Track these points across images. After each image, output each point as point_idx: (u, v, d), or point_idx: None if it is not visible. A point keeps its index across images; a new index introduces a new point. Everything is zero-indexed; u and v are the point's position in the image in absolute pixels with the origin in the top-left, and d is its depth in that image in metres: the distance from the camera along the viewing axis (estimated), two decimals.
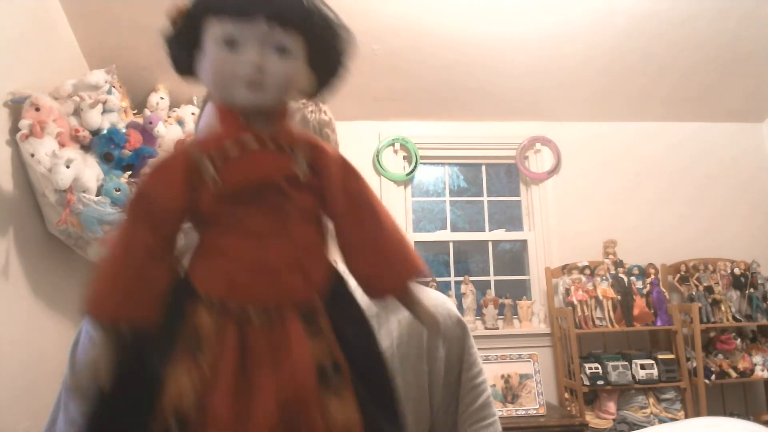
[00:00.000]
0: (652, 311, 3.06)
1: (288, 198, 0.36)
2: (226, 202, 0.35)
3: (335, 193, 0.40)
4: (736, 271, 3.18)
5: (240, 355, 0.33)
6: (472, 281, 3.22)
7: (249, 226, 0.35)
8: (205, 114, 0.59)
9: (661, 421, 2.84)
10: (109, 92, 2.28)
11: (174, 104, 2.79)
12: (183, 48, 0.40)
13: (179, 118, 2.70)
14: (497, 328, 3.16)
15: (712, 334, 3.13)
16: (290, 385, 0.33)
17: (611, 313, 3.03)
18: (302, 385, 0.33)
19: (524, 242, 3.43)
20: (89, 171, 2.03)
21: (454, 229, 3.46)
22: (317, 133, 0.74)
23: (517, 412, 2.77)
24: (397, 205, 3.29)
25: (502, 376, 2.85)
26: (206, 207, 0.35)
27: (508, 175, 3.57)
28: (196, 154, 0.37)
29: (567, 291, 3.10)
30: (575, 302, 3.02)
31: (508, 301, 3.22)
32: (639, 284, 3.12)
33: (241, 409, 0.32)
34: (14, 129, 1.97)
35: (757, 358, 3.06)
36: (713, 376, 2.95)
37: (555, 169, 3.40)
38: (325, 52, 0.41)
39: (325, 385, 0.34)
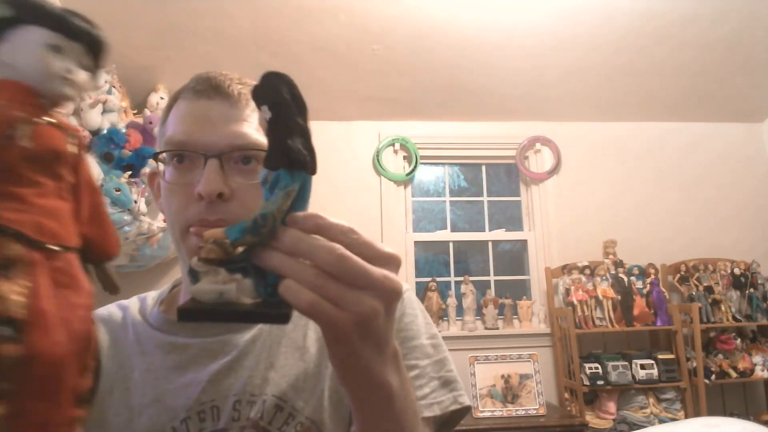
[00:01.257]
0: (652, 311, 3.06)
1: (63, 169, 0.47)
2: (31, 163, 0.44)
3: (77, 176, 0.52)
4: (736, 271, 3.18)
5: (48, 274, 0.43)
6: (472, 281, 3.22)
7: (48, 186, 0.45)
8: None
9: (661, 421, 2.84)
10: (109, 92, 2.28)
11: None
12: None
13: None
14: (497, 328, 3.16)
15: (712, 334, 3.13)
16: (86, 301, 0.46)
17: (611, 313, 3.03)
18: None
19: (524, 242, 3.43)
20: None
21: (454, 229, 3.46)
22: None
23: (517, 412, 2.77)
24: (397, 205, 3.29)
25: (502, 376, 2.85)
26: (7, 162, 0.42)
27: (508, 175, 3.57)
28: (20, 116, 0.45)
29: (567, 291, 3.10)
30: (575, 302, 3.02)
31: (508, 301, 3.22)
32: (639, 284, 3.12)
33: (62, 306, 0.43)
34: None
35: (757, 358, 3.06)
36: (713, 376, 2.95)
37: (555, 169, 3.40)
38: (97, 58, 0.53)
39: None
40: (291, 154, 0.41)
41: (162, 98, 2.74)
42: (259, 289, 0.42)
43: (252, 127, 0.69)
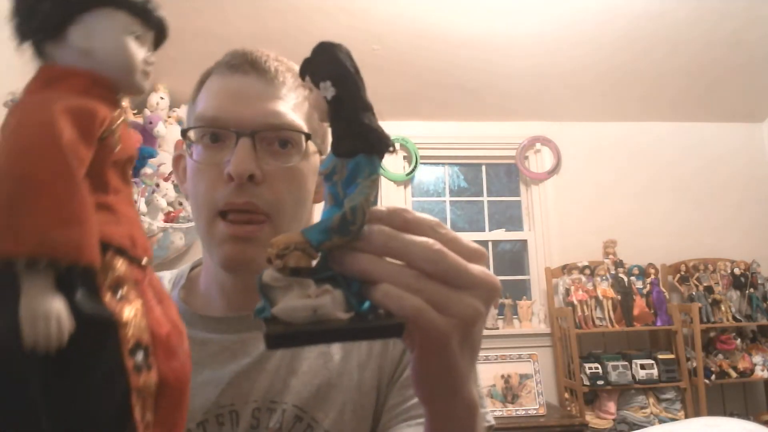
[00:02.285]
0: (652, 311, 3.06)
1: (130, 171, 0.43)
2: (114, 168, 0.40)
3: None
4: (736, 271, 3.18)
5: (149, 290, 0.40)
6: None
7: (123, 192, 0.41)
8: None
9: (661, 421, 2.84)
10: None
11: (174, 104, 2.79)
12: (65, 7, 0.38)
13: (179, 118, 2.70)
14: (497, 328, 3.16)
15: (712, 334, 3.13)
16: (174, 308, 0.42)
17: (611, 313, 3.03)
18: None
19: (524, 242, 3.43)
20: None
21: (454, 229, 3.43)
22: (320, 127, 0.72)
23: (517, 412, 2.77)
24: (397, 205, 3.28)
25: (502, 376, 2.85)
26: (99, 167, 0.38)
27: (508, 175, 3.57)
28: (117, 117, 0.40)
29: (567, 291, 3.10)
30: (575, 302, 3.02)
31: (508, 301, 3.22)
32: (639, 284, 3.12)
33: (173, 332, 0.40)
34: None
35: (757, 358, 3.06)
36: (713, 376, 2.95)
37: (555, 169, 3.40)
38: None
39: None
40: (371, 136, 0.36)
41: (162, 98, 2.73)
42: (349, 299, 0.35)
43: (288, 106, 0.65)
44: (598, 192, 3.39)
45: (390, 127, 3.31)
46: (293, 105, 0.66)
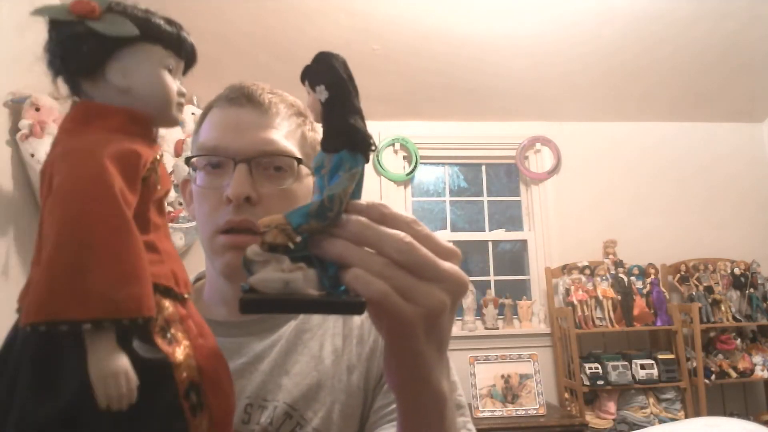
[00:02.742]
0: (652, 311, 3.06)
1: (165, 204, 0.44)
2: (153, 205, 0.40)
3: None
4: (736, 271, 3.18)
5: (193, 325, 0.40)
6: (473, 281, 3.22)
7: (161, 226, 0.41)
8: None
9: (661, 421, 2.84)
10: None
11: None
12: (104, 47, 0.38)
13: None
14: (497, 328, 3.16)
15: (712, 334, 3.13)
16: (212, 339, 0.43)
17: (611, 313, 3.03)
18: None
19: (524, 242, 3.43)
20: None
21: (454, 229, 3.46)
22: (312, 150, 0.78)
23: (517, 412, 2.77)
24: (397, 206, 3.26)
25: (502, 376, 2.85)
26: (142, 208, 0.38)
27: (508, 175, 3.57)
28: (156, 155, 0.40)
29: (567, 291, 3.10)
30: (575, 302, 3.02)
31: (508, 301, 3.22)
32: (639, 284, 3.12)
33: (217, 363, 0.41)
34: (14, 129, 1.97)
35: (757, 358, 3.06)
36: (713, 376, 2.95)
37: (555, 169, 3.40)
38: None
39: None
40: (355, 135, 0.39)
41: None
42: (322, 280, 0.39)
43: (281, 134, 0.72)
44: (598, 192, 3.39)
45: (390, 127, 3.32)
46: (286, 133, 0.73)
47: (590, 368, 2.90)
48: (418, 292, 0.38)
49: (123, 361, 0.32)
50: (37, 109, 1.96)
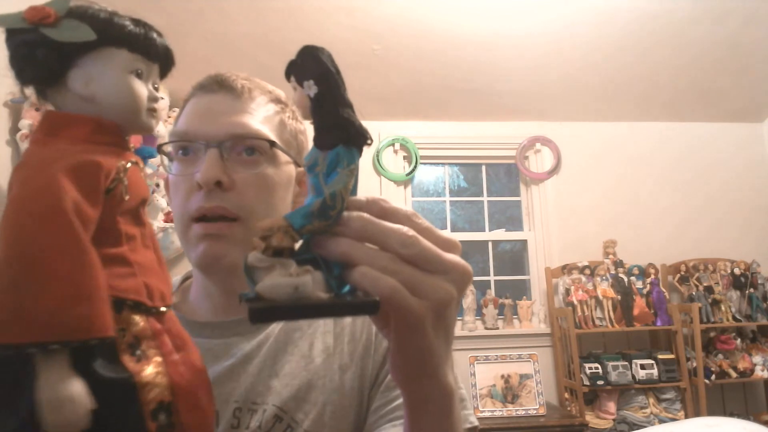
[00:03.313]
0: (652, 311, 3.06)
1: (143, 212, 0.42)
2: (125, 215, 0.38)
3: None
4: (736, 271, 3.18)
5: (168, 339, 0.39)
6: (472, 281, 3.22)
7: (137, 236, 0.39)
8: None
9: (661, 421, 2.84)
10: None
11: (174, 104, 2.79)
12: (61, 54, 0.36)
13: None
14: (497, 328, 3.16)
15: (712, 334, 3.13)
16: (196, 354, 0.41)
17: (611, 313, 3.03)
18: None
19: (524, 242, 3.43)
20: None
21: (454, 229, 3.46)
22: (293, 139, 0.75)
23: (517, 412, 2.77)
24: (397, 206, 3.28)
25: (502, 376, 2.85)
26: (109, 220, 0.37)
27: (508, 175, 3.57)
28: (123, 164, 0.38)
29: (567, 291, 3.10)
30: (575, 302, 3.02)
31: (508, 301, 3.22)
32: (639, 284, 3.12)
33: (190, 371, 0.39)
34: (14, 129, 1.97)
35: (757, 358, 3.06)
36: (713, 376, 2.95)
37: (555, 169, 3.40)
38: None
39: None
40: (350, 128, 0.38)
41: (162, 98, 2.73)
42: (329, 281, 0.37)
43: (255, 119, 0.69)
44: (598, 192, 3.39)
45: (390, 127, 3.32)
46: (262, 118, 0.70)
47: (590, 368, 2.90)
48: (425, 285, 0.38)
49: (74, 387, 0.31)
50: (37, 109, 1.96)
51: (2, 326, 0.30)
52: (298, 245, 0.38)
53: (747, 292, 3.14)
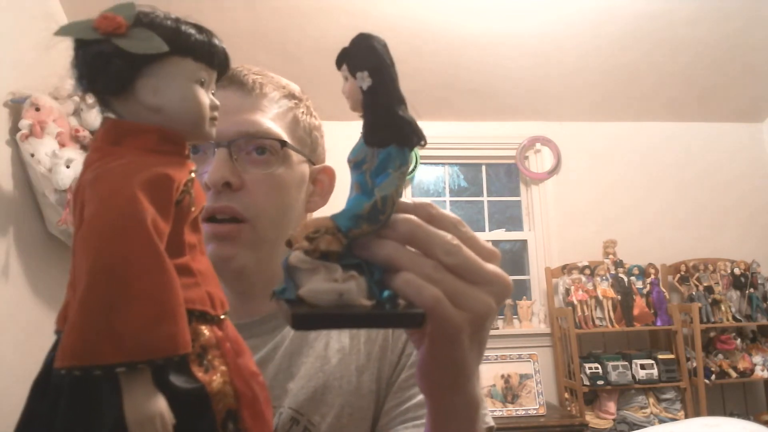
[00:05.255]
0: (652, 311, 3.06)
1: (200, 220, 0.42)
2: (190, 225, 0.39)
3: None
4: (736, 271, 3.18)
5: (229, 346, 0.39)
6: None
7: (196, 244, 0.39)
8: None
9: (661, 421, 2.84)
10: None
11: None
12: (132, 65, 0.36)
13: None
14: (497, 328, 3.16)
15: (712, 334, 3.13)
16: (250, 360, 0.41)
17: (611, 313, 3.03)
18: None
19: (524, 242, 3.43)
20: None
21: None
22: (307, 136, 0.73)
23: (517, 412, 2.77)
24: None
25: (502, 376, 2.85)
26: (176, 231, 0.37)
27: (508, 175, 3.57)
28: (189, 175, 0.39)
29: (567, 291, 3.10)
30: (575, 302, 3.02)
31: (507, 301, 3.22)
32: (639, 284, 3.12)
33: (250, 378, 0.39)
34: (14, 129, 1.97)
35: (757, 358, 3.06)
36: (713, 376, 2.95)
37: (555, 169, 3.40)
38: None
39: None
40: (405, 127, 0.37)
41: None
42: (371, 287, 0.36)
43: (266, 117, 0.67)
44: (598, 192, 3.39)
45: None
46: (273, 115, 0.68)
47: (590, 368, 2.90)
48: (466, 296, 0.37)
49: (159, 403, 0.32)
50: (37, 109, 1.96)
51: (93, 347, 0.30)
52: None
53: (747, 292, 3.14)
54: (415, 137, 0.37)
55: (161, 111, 0.37)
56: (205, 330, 0.37)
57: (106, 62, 0.36)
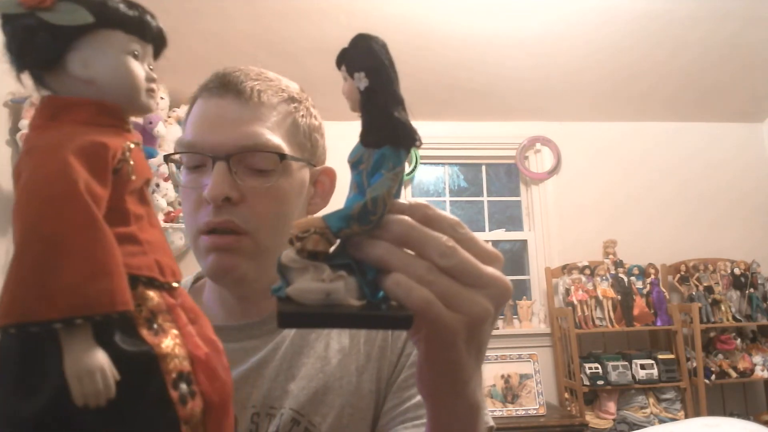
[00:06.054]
0: (652, 311, 3.06)
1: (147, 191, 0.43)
2: (131, 195, 0.39)
3: None
4: (736, 271, 3.18)
5: (182, 313, 0.40)
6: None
7: (144, 215, 0.40)
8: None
9: (661, 421, 2.84)
10: None
11: (174, 104, 2.79)
12: (59, 38, 0.37)
13: (179, 118, 2.70)
14: (497, 328, 3.16)
15: (712, 334, 3.13)
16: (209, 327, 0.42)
17: (611, 313, 3.03)
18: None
19: (524, 242, 3.43)
20: None
21: None
22: (307, 140, 0.72)
23: (517, 412, 2.77)
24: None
25: (502, 376, 2.85)
26: (117, 200, 0.38)
27: (508, 175, 3.57)
28: (128, 144, 0.40)
29: (567, 291, 3.10)
30: (575, 302, 3.02)
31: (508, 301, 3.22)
32: (639, 284, 3.12)
33: (210, 350, 0.40)
34: (14, 129, 1.98)
35: (757, 358, 3.06)
36: (713, 376, 2.95)
37: (555, 169, 3.40)
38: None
39: None
40: (400, 129, 0.36)
41: (162, 98, 2.73)
42: (362, 287, 0.36)
43: (265, 125, 0.66)
44: (598, 192, 3.39)
45: None
46: (272, 123, 0.67)
47: (590, 368, 2.90)
48: (461, 299, 0.36)
49: (99, 358, 0.32)
50: None
51: (29, 305, 0.31)
52: (333, 247, 0.36)
53: (747, 292, 3.14)
54: (410, 139, 0.37)
55: (93, 83, 0.38)
56: (154, 295, 0.37)
57: (32, 36, 0.36)
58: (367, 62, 0.36)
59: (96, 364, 0.32)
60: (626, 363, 2.92)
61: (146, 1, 0.41)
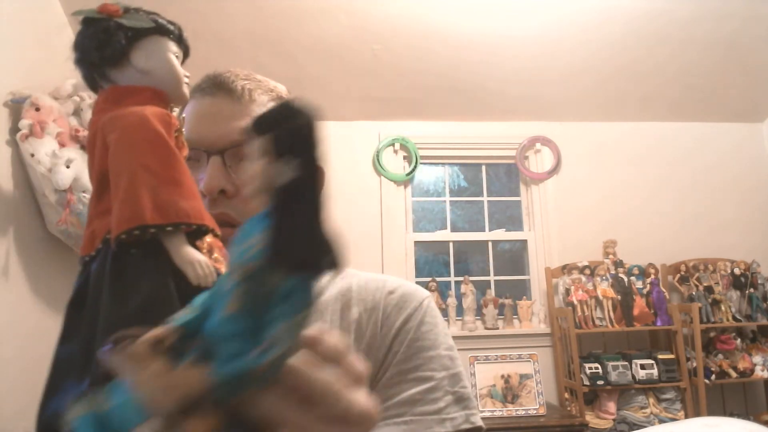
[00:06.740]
0: (652, 311, 3.06)
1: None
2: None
3: None
4: (736, 271, 3.18)
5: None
6: (472, 281, 3.22)
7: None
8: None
9: (661, 421, 2.84)
10: None
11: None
12: (129, 37, 0.47)
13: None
14: (497, 328, 3.16)
15: (712, 334, 3.13)
16: None
17: (611, 313, 3.03)
18: None
19: (524, 242, 3.43)
20: None
21: (454, 229, 3.46)
22: None
23: (517, 412, 2.77)
24: (397, 205, 3.29)
25: (502, 376, 2.85)
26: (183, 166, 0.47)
27: (508, 175, 3.57)
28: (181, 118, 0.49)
29: (567, 291, 3.10)
30: (575, 302, 3.02)
31: (508, 301, 3.22)
32: (639, 284, 3.12)
33: None
34: (14, 129, 1.97)
35: (757, 358, 3.06)
36: (713, 376, 2.95)
37: (555, 169, 3.40)
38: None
39: None
40: (326, 255, 0.27)
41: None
42: None
43: None
44: (598, 192, 3.39)
45: (390, 127, 3.32)
46: None
47: (590, 368, 2.90)
48: None
49: (198, 253, 0.41)
50: (37, 109, 1.96)
51: (145, 213, 0.40)
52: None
53: (747, 292, 3.14)
54: (332, 264, 0.28)
55: (150, 73, 0.48)
56: (209, 236, 0.45)
57: (110, 35, 0.46)
58: (303, 147, 0.27)
59: (199, 256, 0.41)
60: (626, 363, 2.92)
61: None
